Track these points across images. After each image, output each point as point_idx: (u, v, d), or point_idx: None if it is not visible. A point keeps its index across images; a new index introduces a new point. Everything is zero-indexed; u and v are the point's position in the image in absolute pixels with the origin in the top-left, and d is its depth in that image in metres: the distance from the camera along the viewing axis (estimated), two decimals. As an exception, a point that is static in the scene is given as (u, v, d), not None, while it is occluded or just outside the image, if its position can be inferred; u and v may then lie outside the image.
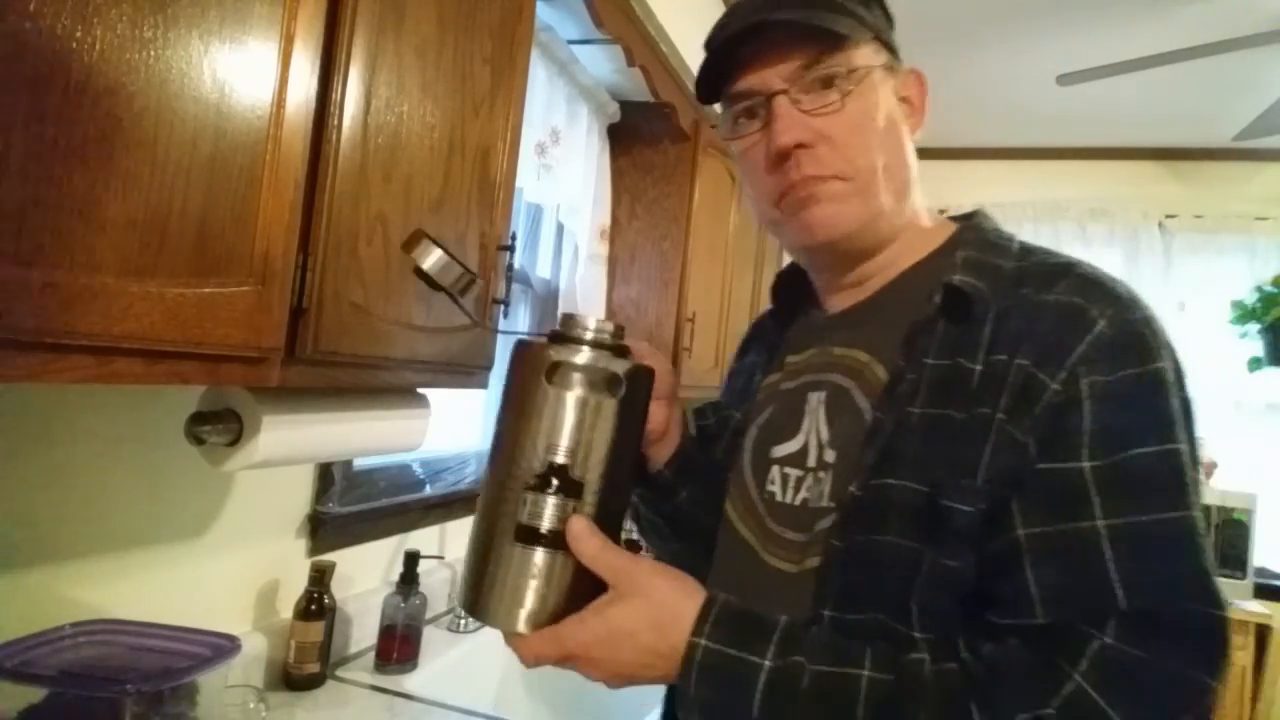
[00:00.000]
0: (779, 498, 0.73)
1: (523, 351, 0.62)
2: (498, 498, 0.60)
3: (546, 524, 0.58)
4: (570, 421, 0.59)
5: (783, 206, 0.72)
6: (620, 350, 0.63)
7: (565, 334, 0.62)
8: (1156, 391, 0.59)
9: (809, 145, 0.69)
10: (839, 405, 0.71)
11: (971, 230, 0.74)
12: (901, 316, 0.69)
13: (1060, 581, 0.56)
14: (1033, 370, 0.60)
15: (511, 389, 0.62)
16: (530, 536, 0.58)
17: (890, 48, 0.74)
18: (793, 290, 0.86)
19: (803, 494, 0.71)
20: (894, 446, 0.64)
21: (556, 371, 0.59)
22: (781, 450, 0.75)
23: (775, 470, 0.74)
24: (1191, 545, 0.56)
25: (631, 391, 0.61)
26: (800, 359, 0.79)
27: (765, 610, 0.62)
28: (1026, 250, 0.70)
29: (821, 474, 0.70)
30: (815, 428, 0.72)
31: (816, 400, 0.73)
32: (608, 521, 0.60)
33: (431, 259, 0.82)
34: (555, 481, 0.58)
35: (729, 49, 0.71)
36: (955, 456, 0.61)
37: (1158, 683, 0.53)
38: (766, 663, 0.58)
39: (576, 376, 0.59)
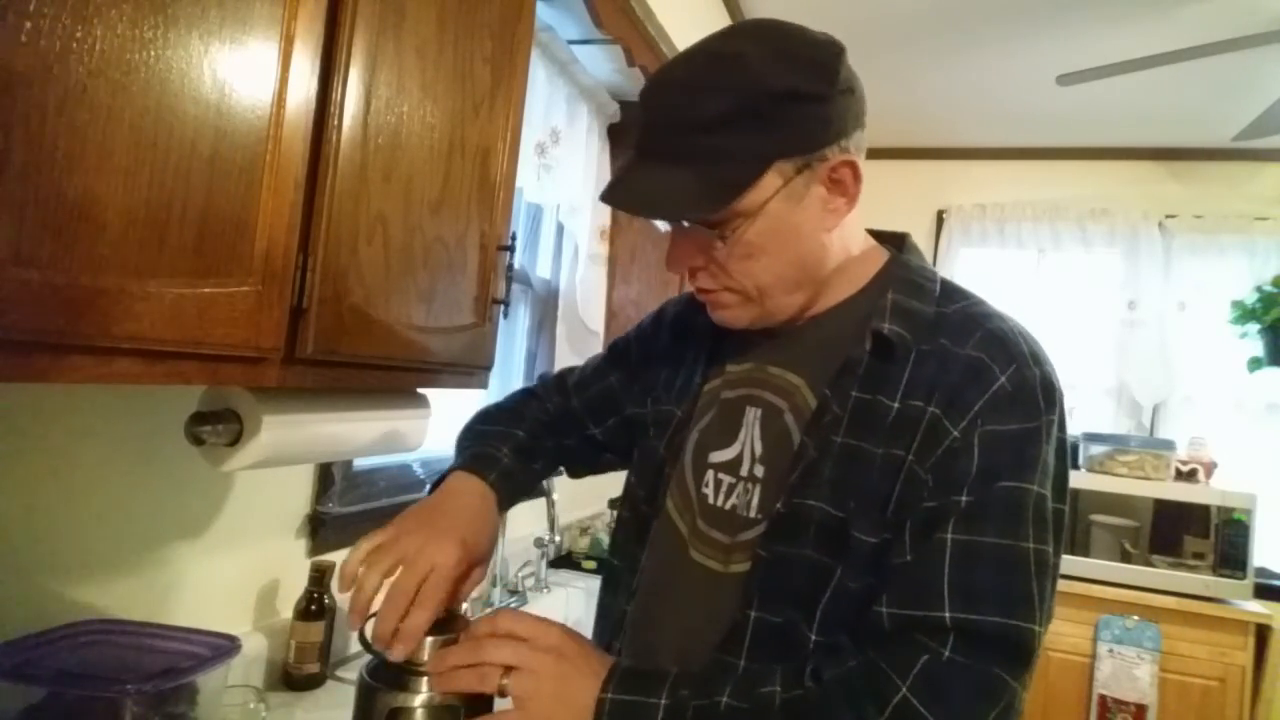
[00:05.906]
0: (710, 500, 0.81)
1: (369, 695, 0.74)
2: None
3: None
4: None
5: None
6: None
7: (409, 669, 0.73)
8: (1033, 441, 0.69)
9: (699, 268, 0.77)
10: (771, 423, 0.79)
11: (899, 268, 0.80)
12: (832, 348, 0.76)
13: (904, 588, 0.67)
14: (939, 417, 0.69)
15: None
16: None
17: (806, 148, 0.70)
18: None
19: (732, 500, 0.79)
20: (816, 470, 0.72)
21: (398, 716, 0.71)
22: (719, 456, 0.81)
23: (710, 474, 0.81)
24: (1021, 568, 0.66)
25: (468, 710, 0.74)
26: (739, 370, 0.84)
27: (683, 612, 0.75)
28: (946, 294, 0.78)
29: (751, 485, 0.78)
30: (750, 440, 0.80)
31: (754, 415, 0.80)
32: None
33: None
34: None
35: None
36: (867, 488, 0.70)
37: (969, 686, 0.64)
38: (662, 701, 0.67)
39: (418, 713, 0.71)
